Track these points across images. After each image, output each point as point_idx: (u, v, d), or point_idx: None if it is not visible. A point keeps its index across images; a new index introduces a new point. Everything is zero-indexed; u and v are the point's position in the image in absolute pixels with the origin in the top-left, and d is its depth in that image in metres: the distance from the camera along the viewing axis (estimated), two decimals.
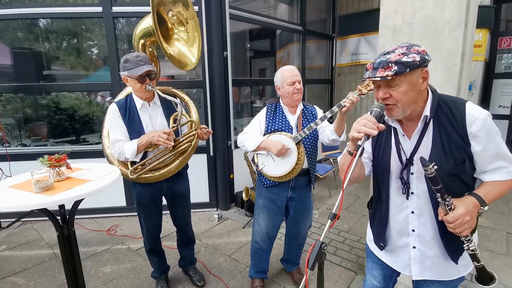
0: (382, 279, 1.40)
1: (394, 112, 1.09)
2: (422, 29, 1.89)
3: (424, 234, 1.18)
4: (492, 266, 2.53)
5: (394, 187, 1.21)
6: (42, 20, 3.72)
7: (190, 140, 1.93)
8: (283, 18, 5.00)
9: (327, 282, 2.37)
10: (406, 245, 1.24)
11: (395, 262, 1.30)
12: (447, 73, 1.84)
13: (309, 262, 1.05)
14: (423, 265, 1.21)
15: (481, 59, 4.99)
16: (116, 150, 1.86)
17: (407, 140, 1.15)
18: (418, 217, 1.17)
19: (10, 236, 3.21)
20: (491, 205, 3.50)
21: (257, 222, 2.19)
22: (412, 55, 1.00)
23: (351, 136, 1.08)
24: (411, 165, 1.13)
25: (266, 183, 2.06)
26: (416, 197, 1.16)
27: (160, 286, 2.27)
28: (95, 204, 3.54)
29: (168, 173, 1.92)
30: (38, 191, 1.39)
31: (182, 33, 2.18)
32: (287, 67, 2.02)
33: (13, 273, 2.57)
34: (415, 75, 1.03)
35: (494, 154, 1.06)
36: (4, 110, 4.20)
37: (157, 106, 1.98)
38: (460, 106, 1.07)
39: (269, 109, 2.06)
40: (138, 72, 1.76)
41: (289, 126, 2.02)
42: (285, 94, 2.00)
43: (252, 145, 1.96)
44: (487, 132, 1.04)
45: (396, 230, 1.24)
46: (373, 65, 1.05)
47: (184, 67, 2.15)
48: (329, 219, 1.04)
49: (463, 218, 0.99)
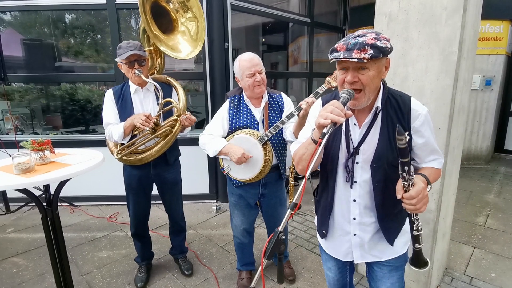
0: (337, 269, 1.41)
1: (360, 101, 1.08)
2: (419, 16, 1.78)
3: (364, 221, 1.21)
4: (495, 269, 2.39)
5: (340, 175, 1.21)
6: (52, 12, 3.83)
7: (170, 125, 1.93)
8: (294, 11, 4.90)
9: (319, 278, 2.33)
10: (347, 233, 1.26)
11: (336, 251, 1.33)
12: (443, 62, 1.73)
13: (266, 251, 1.03)
14: (363, 249, 1.26)
15: (502, 53, 4.70)
16: (107, 132, 1.96)
17: (356, 130, 1.16)
18: (359, 205, 1.20)
19: (18, 219, 3.37)
20: (504, 206, 3.34)
21: (233, 218, 2.16)
22: (384, 41, 1.01)
23: (318, 123, 1.03)
24: (357, 154, 1.15)
25: (236, 183, 1.98)
26: (358, 186, 1.18)
27: (140, 271, 2.32)
28: (100, 192, 3.66)
29: (150, 157, 1.94)
30: (18, 173, 1.43)
31: (189, 22, 2.15)
32: (245, 55, 1.83)
33: (16, 254, 2.70)
34: (382, 62, 1.06)
35: (430, 148, 1.16)
36: (20, 101, 4.40)
37: (150, 92, 2.03)
38: (406, 101, 1.13)
39: (231, 103, 1.91)
40: (125, 56, 1.83)
41: (255, 121, 1.89)
42: (246, 87, 1.84)
43: (213, 151, 1.83)
44: (427, 127, 1.13)
45: (339, 218, 1.26)
46: (346, 45, 1.01)
47: (177, 56, 2.12)
48: (289, 208, 1.02)
49: (423, 193, 1.01)
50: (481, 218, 3.25)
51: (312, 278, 2.33)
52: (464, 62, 1.81)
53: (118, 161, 2.04)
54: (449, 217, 2.20)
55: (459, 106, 1.86)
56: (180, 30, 2.15)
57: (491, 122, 4.93)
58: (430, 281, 2.02)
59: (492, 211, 3.42)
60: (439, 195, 1.86)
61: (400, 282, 1.32)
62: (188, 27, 2.19)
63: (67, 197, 3.58)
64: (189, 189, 3.64)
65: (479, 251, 2.66)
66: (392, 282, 1.30)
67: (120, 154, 1.95)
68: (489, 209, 3.47)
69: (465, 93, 1.97)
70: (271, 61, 7.55)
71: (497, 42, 4.66)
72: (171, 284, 2.30)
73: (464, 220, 3.20)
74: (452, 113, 1.76)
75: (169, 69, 4.45)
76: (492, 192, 3.94)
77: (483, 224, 3.12)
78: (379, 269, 1.30)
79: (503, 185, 4.19)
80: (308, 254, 2.65)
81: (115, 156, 1.97)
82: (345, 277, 1.46)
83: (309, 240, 2.87)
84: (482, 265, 2.47)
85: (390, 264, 1.28)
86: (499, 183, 4.27)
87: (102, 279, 2.36)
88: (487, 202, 3.66)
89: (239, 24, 5.14)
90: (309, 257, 2.61)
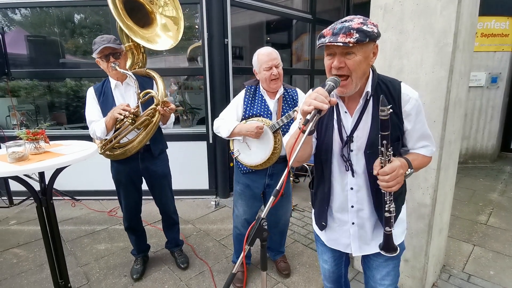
0: (333, 261, 1.41)
1: (347, 88, 1.07)
2: (414, 7, 1.76)
3: (362, 209, 1.21)
4: (494, 267, 2.35)
5: (336, 165, 1.20)
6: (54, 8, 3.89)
7: (149, 115, 1.92)
8: (297, 8, 4.88)
9: (314, 273, 2.32)
10: (345, 222, 1.25)
11: (337, 242, 1.31)
12: (438, 54, 1.71)
13: (248, 238, 1.03)
14: (362, 241, 1.25)
15: (507, 50, 4.61)
16: (90, 130, 1.97)
17: (348, 117, 1.15)
18: (356, 192, 1.19)
19: (21, 212, 3.44)
20: (508, 205, 3.28)
21: (236, 208, 2.17)
22: (371, 26, 1.01)
23: (302, 110, 1.03)
24: (351, 142, 1.14)
25: (243, 169, 2.02)
26: (355, 174, 1.17)
27: (136, 264, 2.34)
28: (101, 186, 3.70)
29: (133, 148, 1.94)
30: (12, 161, 1.46)
31: (167, 11, 2.16)
32: (264, 49, 1.91)
33: (17, 245, 2.75)
34: (370, 47, 1.04)
35: (421, 134, 1.15)
36: (26, 97, 4.49)
37: (131, 86, 2.03)
38: (396, 85, 1.12)
39: (247, 92, 1.98)
40: (98, 49, 1.85)
41: (268, 111, 1.94)
42: (263, 80, 1.91)
43: (226, 132, 1.89)
44: (417, 111, 1.11)
45: (337, 207, 1.25)
46: (332, 30, 1.00)
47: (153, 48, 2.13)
48: (272, 195, 1.01)
49: (398, 171, 1.01)
50: (483, 217, 3.19)
51: (307, 273, 2.33)
52: (460, 54, 1.78)
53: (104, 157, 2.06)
54: (446, 213, 2.16)
55: (455, 99, 1.83)
56: (161, 23, 2.16)
57: (497, 120, 4.84)
58: (425, 277, 1.99)
59: (495, 209, 3.35)
60: (434, 189, 1.84)
61: (395, 271, 1.31)
62: (168, 17, 2.19)
63: (69, 191, 3.63)
64: (188, 185, 3.68)
65: (479, 249, 2.61)
66: (388, 271, 1.30)
67: (103, 149, 1.96)
68: (492, 207, 3.40)
69: (462, 86, 1.94)
70: None
71: (503, 38, 4.57)
72: (166, 276, 2.31)
73: (465, 218, 3.15)
74: (447, 106, 1.73)
75: (171, 67, 4.50)
76: (496, 191, 3.87)
77: (485, 222, 3.06)
78: (375, 258, 1.30)
79: (507, 184, 4.10)
80: (305, 250, 2.64)
81: (99, 152, 1.97)
82: (340, 269, 1.46)
83: (306, 236, 2.86)
84: (481, 262, 2.42)
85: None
86: (504, 182, 4.19)
87: (99, 271, 2.39)
88: (491, 200, 3.59)
89: (243, 23, 5.14)
90: (306, 252, 2.60)
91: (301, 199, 3.66)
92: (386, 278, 1.30)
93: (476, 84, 4.73)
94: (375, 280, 1.33)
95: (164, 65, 4.46)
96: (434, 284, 2.17)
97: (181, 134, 3.61)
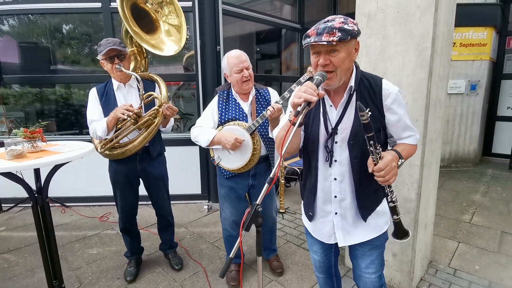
0: (322, 252, 1.47)
1: (333, 81, 1.16)
2: (395, 14, 1.89)
3: (344, 199, 1.28)
4: (479, 262, 2.45)
5: (321, 156, 1.28)
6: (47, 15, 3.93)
7: (152, 115, 1.98)
8: (286, 18, 5.05)
9: (306, 271, 2.36)
10: (329, 213, 1.32)
11: (320, 233, 1.37)
12: (418, 57, 1.83)
13: (244, 223, 1.09)
14: (345, 231, 1.32)
15: (486, 58, 4.86)
16: (90, 129, 2.00)
17: (333, 111, 1.23)
18: (340, 183, 1.26)
19: (10, 219, 3.38)
20: (490, 205, 3.42)
21: (223, 210, 2.21)
22: (351, 24, 1.10)
23: (292, 102, 1.11)
24: (336, 134, 1.21)
25: (226, 174, 2.05)
26: (338, 164, 1.24)
27: (130, 266, 2.34)
28: (91, 193, 3.68)
29: (133, 148, 1.98)
30: (10, 158, 1.49)
31: (170, 19, 2.25)
32: (233, 52, 1.94)
33: (7, 251, 2.71)
34: (352, 44, 1.14)
35: (404, 125, 1.23)
36: (15, 104, 4.46)
37: (133, 88, 2.09)
38: (378, 81, 1.21)
39: (220, 97, 2.01)
40: (104, 51, 1.91)
41: (243, 114, 1.98)
42: (234, 83, 1.94)
43: (205, 141, 1.90)
44: (398, 105, 1.20)
45: (322, 198, 1.32)
46: (316, 30, 1.09)
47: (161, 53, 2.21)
48: (266, 183, 1.08)
49: (391, 164, 1.08)
50: (467, 216, 3.32)
51: (300, 271, 2.37)
52: (439, 58, 1.91)
53: (103, 157, 2.09)
54: (431, 209, 2.27)
55: (435, 99, 1.95)
56: (164, 30, 2.24)
57: (478, 126, 5.06)
58: (413, 270, 2.07)
59: (478, 209, 3.49)
60: (418, 184, 1.94)
61: (379, 259, 1.38)
62: (171, 25, 2.28)
63: (59, 198, 3.59)
64: (181, 190, 3.70)
65: (464, 245, 2.72)
66: (372, 260, 1.36)
67: (103, 148, 1.99)
68: (475, 207, 3.54)
69: (441, 88, 2.07)
70: (265, 69, 7.70)
71: (481, 48, 4.83)
72: (160, 277, 2.32)
73: (450, 218, 3.27)
74: (428, 105, 1.85)
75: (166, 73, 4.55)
76: (479, 192, 4.03)
77: (468, 221, 3.19)
78: (360, 247, 1.36)
79: (489, 185, 4.28)
80: (297, 249, 2.69)
81: (98, 150, 2.01)
82: (330, 260, 1.52)
83: (298, 237, 2.92)
84: (466, 258, 2.52)
85: (370, 243, 1.34)
86: (486, 183, 4.36)
87: (92, 274, 2.37)
88: (474, 201, 3.74)
89: (234, 33, 5.27)
90: (298, 252, 2.65)
91: (293, 202, 3.73)
92: (371, 267, 1.37)
93: (457, 91, 4.96)
94: (360, 269, 1.40)
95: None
96: (422, 279, 2.25)
97: (173, 139, 3.65)
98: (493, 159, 5.61)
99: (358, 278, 1.44)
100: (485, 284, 2.19)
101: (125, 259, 2.45)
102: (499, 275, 2.29)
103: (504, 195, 3.90)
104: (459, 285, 2.18)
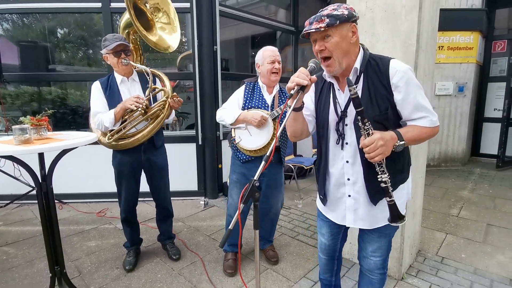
0: (330, 236, 1.51)
1: (332, 67, 1.22)
2: (383, 13, 2.02)
3: (356, 181, 1.30)
4: (466, 251, 2.56)
5: (332, 139, 1.32)
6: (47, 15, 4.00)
7: (160, 106, 2.09)
8: (280, 20, 5.19)
9: (300, 260, 2.44)
10: (343, 195, 1.36)
11: (334, 213, 1.41)
12: (405, 53, 1.96)
13: (243, 197, 1.18)
14: (356, 213, 1.34)
15: (472, 61, 5.05)
16: (95, 121, 2.06)
17: (341, 94, 1.28)
18: (352, 165, 1.29)
19: (7, 215, 3.40)
20: (477, 200, 3.54)
21: (231, 196, 2.30)
22: (341, 10, 1.16)
23: (286, 87, 1.22)
24: (346, 117, 1.25)
25: (242, 158, 2.17)
26: (349, 147, 1.28)
27: (129, 256, 2.40)
28: (89, 189, 3.72)
29: (142, 137, 2.07)
30: (17, 143, 1.56)
31: (164, 19, 2.37)
32: (269, 47, 2.14)
33: (5, 244, 2.74)
34: (345, 28, 1.17)
35: (414, 105, 1.19)
36: (12, 103, 4.50)
37: (136, 82, 2.19)
38: (386, 61, 1.21)
39: (247, 87, 2.19)
40: (112, 46, 1.99)
41: (266, 104, 2.15)
42: (264, 73, 2.11)
43: (231, 118, 2.07)
44: (407, 82, 1.17)
45: (335, 181, 1.36)
46: (309, 20, 1.19)
47: (165, 50, 2.34)
48: (263, 160, 1.18)
49: (377, 142, 1.08)
50: (455, 210, 3.44)
51: (294, 260, 2.45)
52: (423, 54, 2.04)
53: (108, 148, 2.16)
54: (419, 198, 2.38)
55: None
56: (158, 27, 2.38)
57: (465, 126, 5.23)
58: (402, 257, 2.17)
59: (465, 204, 3.62)
60: None
61: (387, 245, 1.41)
62: (164, 26, 2.43)
63: (56, 194, 3.61)
64: (178, 186, 3.75)
65: (451, 236, 2.83)
66: (379, 245, 1.40)
67: (111, 138, 2.06)
68: (463, 202, 3.67)
69: (427, 83, 2.20)
70: None
71: (468, 51, 5.03)
72: (158, 267, 2.38)
73: (439, 212, 3.39)
74: None
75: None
76: (467, 189, 4.17)
77: (456, 215, 3.31)
78: (370, 233, 1.39)
79: (477, 183, 4.43)
80: (292, 241, 2.77)
81: (106, 141, 2.08)
82: (336, 244, 1.56)
83: (292, 229, 3.00)
84: (454, 247, 2.63)
85: (379, 231, 1.36)
86: (474, 181, 4.51)
87: (91, 264, 2.42)
88: (462, 197, 3.87)
89: (229, 36, 5.40)
90: (292, 243, 2.73)
91: (287, 198, 3.81)
92: (377, 251, 1.41)
93: (445, 92, 5.14)
94: (367, 252, 1.44)
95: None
96: (411, 266, 2.35)
97: (170, 136, 3.72)
98: (481, 159, 5.79)
99: (363, 259, 1.48)
100: (470, 271, 2.30)
101: (124, 251, 2.51)
102: (484, 263, 2.40)
103: (491, 192, 4.04)
104: (446, 271, 2.28)
